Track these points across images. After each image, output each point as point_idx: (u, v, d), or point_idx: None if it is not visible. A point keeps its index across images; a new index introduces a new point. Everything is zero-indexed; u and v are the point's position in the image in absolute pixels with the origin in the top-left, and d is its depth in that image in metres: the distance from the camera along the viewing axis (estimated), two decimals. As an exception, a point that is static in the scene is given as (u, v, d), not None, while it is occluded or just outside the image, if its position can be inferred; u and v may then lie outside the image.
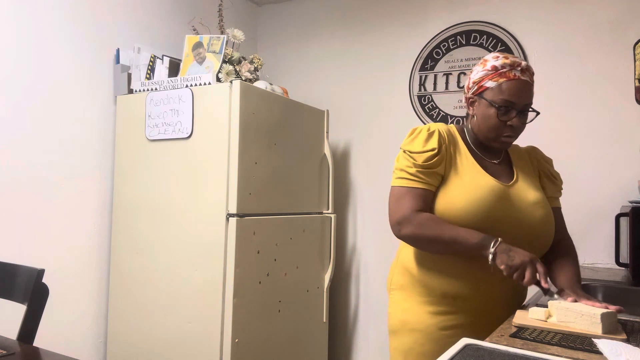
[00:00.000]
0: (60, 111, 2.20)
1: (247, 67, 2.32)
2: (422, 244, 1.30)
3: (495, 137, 1.30)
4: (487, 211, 1.22)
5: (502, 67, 1.27)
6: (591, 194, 2.35)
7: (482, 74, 1.30)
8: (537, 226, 1.28)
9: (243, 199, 2.08)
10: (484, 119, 1.29)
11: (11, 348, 1.21)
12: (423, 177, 1.27)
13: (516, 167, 1.39)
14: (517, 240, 1.23)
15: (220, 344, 2.03)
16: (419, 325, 1.33)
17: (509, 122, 1.27)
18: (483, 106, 1.30)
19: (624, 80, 2.32)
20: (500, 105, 1.26)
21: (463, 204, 1.23)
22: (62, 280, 2.20)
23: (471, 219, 1.22)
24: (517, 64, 1.27)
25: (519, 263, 1.13)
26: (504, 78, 1.27)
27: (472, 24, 2.67)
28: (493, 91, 1.27)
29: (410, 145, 1.30)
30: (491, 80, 1.28)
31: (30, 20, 2.09)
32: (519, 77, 1.27)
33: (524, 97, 1.28)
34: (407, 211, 1.26)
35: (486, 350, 0.91)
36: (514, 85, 1.26)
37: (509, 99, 1.26)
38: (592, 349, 0.96)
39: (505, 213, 1.24)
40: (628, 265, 1.85)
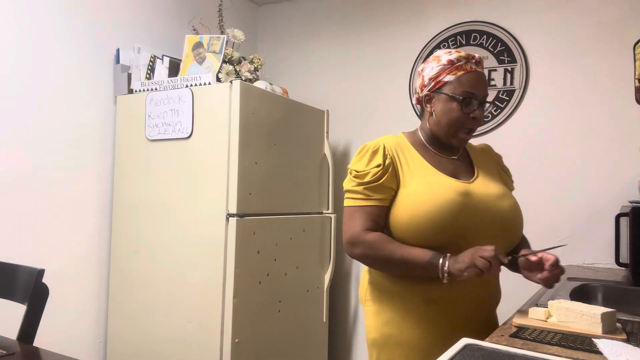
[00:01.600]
0: (60, 111, 2.20)
1: (247, 67, 2.32)
2: (375, 265, 1.29)
3: (456, 131, 1.28)
4: (451, 211, 1.19)
5: (458, 60, 1.26)
6: (591, 194, 2.35)
7: (439, 69, 1.28)
8: (506, 217, 1.26)
9: (243, 199, 2.08)
10: (445, 113, 1.27)
11: (11, 348, 1.21)
12: (371, 193, 1.25)
13: (475, 162, 1.38)
14: (490, 235, 1.22)
15: (220, 344, 2.03)
16: (403, 338, 1.26)
17: (472, 115, 1.26)
18: (443, 101, 1.27)
19: (624, 80, 2.32)
20: (463, 97, 1.25)
21: (426, 208, 1.19)
22: (62, 280, 2.20)
23: (437, 222, 1.19)
24: (472, 57, 1.27)
25: (469, 261, 1.11)
26: (462, 71, 1.26)
27: (472, 24, 2.67)
28: (452, 85, 1.26)
29: (357, 165, 1.30)
30: (449, 74, 1.26)
31: (30, 20, 2.09)
32: (476, 69, 1.27)
33: (483, 88, 1.27)
34: (357, 230, 1.24)
35: (486, 350, 0.91)
36: (473, 77, 1.25)
37: (471, 90, 1.25)
38: (592, 349, 0.96)
39: (471, 210, 1.21)
40: (628, 265, 1.85)
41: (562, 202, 2.41)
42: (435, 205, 1.19)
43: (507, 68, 2.57)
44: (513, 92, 2.55)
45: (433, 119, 1.31)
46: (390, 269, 1.26)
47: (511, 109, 2.55)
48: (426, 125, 1.35)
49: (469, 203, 1.21)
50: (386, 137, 1.34)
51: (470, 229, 1.21)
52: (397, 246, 1.22)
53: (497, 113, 2.59)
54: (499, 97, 2.59)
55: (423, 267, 1.18)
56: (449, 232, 1.20)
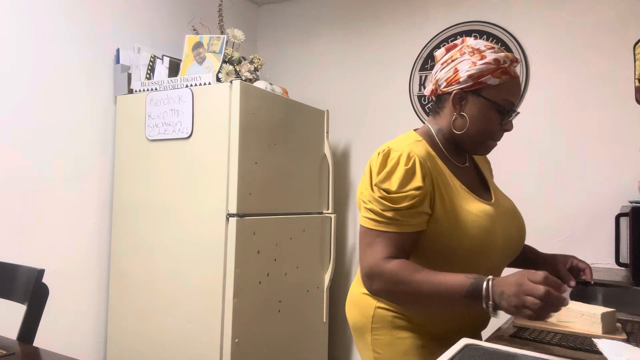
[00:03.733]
0: (60, 111, 2.20)
1: (247, 67, 2.32)
2: (400, 301, 1.07)
3: (484, 140, 1.13)
4: (486, 239, 1.07)
5: (504, 61, 1.08)
6: (591, 194, 2.35)
7: (483, 67, 1.08)
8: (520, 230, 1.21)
9: (243, 199, 2.08)
10: (481, 120, 1.10)
11: (11, 348, 1.21)
12: (403, 219, 1.03)
13: (482, 168, 1.30)
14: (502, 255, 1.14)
15: (220, 344, 2.03)
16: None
17: (505, 127, 1.12)
18: (480, 106, 1.10)
19: (624, 80, 2.32)
20: (504, 107, 1.09)
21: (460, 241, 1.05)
22: (62, 280, 2.20)
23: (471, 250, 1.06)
24: (515, 60, 1.11)
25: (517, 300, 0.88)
26: (507, 75, 1.08)
27: (472, 24, 2.67)
28: (496, 90, 1.08)
29: (387, 183, 1.04)
30: (494, 77, 1.08)
31: (30, 20, 2.09)
32: (517, 74, 1.11)
33: (519, 97, 1.21)
34: (377, 260, 1.03)
35: (486, 350, 0.91)
36: (516, 84, 1.10)
37: (512, 99, 1.10)
38: (592, 349, 0.96)
39: (496, 234, 1.10)
40: (628, 265, 1.84)
41: (562, 202, 2.41)
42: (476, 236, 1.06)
43: (507, 68, 2.57)
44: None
45: (460, 121, 1.12)
46: (419, 303, 1.04)
47: (511, 109, 2.55)
48: (446, 126, 1.16)
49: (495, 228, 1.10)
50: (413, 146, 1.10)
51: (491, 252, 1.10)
52: (427, 274, 0.99)
53: (497, 113, 2.58)
54: (499, 97, 2.58)
55: (460, 297, 0.95)
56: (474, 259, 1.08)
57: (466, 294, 0.94)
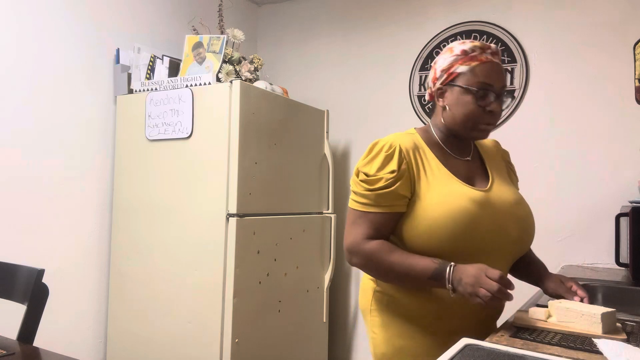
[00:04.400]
0: (60, 111, 2.20)
1: (247, 67, 2.32)
2: (375, 276, 1.20)
3: (474, 125, 1.18)
4: (468, 223, 1.11)
5: (472, 50, 1.17)
6: (591, 194, 2.35)
7: (451, 59, 1.18)
8: (523, 225, 1.21)
9: (243, 199, 2.08)
10: (460, 106, 1.17)
11: (11, 348, 1.21)
12: (380, 200, 1.15)
13: (488, 163, 1.30)
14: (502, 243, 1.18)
15: (220, 344, 2.03)
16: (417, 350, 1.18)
17: (488, 108, 1.16)
18: (456, 94, 1.18)
19: (624, 80, 2.32)
20: (478, 88, 1.15)
21: (443, 221, 1.11)
22: (62, 280, 2.20)
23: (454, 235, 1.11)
24: (487, 47, 1.17)
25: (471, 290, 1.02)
26: (477, 61, 1.16)
27: (472, 24, 2.67)
28: (466, 76, 1.16)
29: (367, 167, 1.18)
30: (462, 65, 1.16)
31: (30, 20, 2.09)
32: (491, 59, 1.17)
33: (500, 79, 1.17)
34: (357, 239, 1.16)
35: (486, 350, 0.91)
36: (488, 67, 1.16)
37: (486, 81, 1.15)
38: (592, 349, 0.96)
39: (488, 220, 1.14)
40: (628, 265, 1.85)
41: (562, 202, 2.41)
42: (453, 218, 1.11)
43: (507, 68, 2.57)
44: (513, 92, 2.55)
45: (447, 113, 1.21)
46: (391, 280, 1.18)
47: (511, 109, 2.55)
48: (440, 122, 1.25)
49: (486, 213, 1.14)
50: (401, 136, 1.21)
51: (486, 239, 1.15)
52: (399, 256, 1.13)
53: (497, 113, 2.59)
54: (499, 97, 2.59)
55: (426, 280, 1.10)
56: (466, 244, 1.13)
57: (430, 277, 1.09)
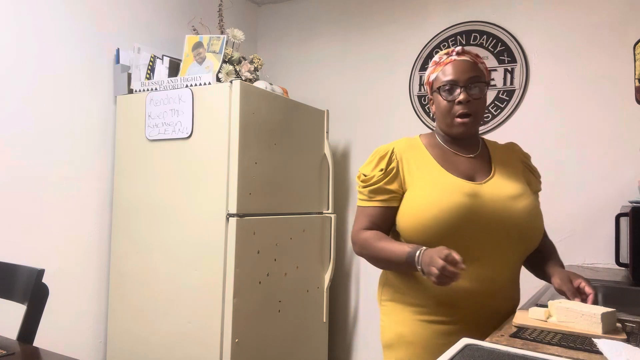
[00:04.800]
0: (60, 111, 2.20)
1: (247, 67, 2.32)
2: (371, 262, 1.33)
3: (451, 120, 1.29)
4: (456, 214, 1.19)
5: (440, 57, 1.32)
6: (591, 194, 2.35)
7: (428, 72, 1.35)
8: (518, 219, 1.23)
9: (243, 199, 2.08)
10: (438, 107, 1.32)
11: (11, 348, 1.21)
12: (372, 195, 1.30)
13: (494, 160, 1.35)
14: (499, 238, 1.22)
15: (220, 344, 2.03)
16: (416, 338, 1.28)
17: (457, 100, 1.27)
18: (435, 97, 1.32)
19: (624, 80, 2.32)
20: (444, 86, 1.28)
21: (431, 211, 1.20)
22: (62, 280, 2.20)
23: (443, 225, 1.19)
24: (452, 50, 1.31)
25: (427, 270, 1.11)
26: (442, 65, 1.31)
27: (472, 24, 2.67)
28: (437, 80, 1.31)
29: (365, 168, 1.35)
30: (434, 73, 1.32)
31: (30, 20, 2.09)
32: (455, 58, 1.29)
33: (465, 72, 1.27)
34: (355, 229, 1.34)
35: (486, 350, 0.91)
36: (452, 65, 1.29)
37: (449, 77, 1.28)
38: (592, 349, 0.96)
39: (478, 212, 1.21)
40: (628, 265, 1.85)
41: (562, 202, 2.41)
42: (441, 208, 1.19)
43: (507, 68, 2.57)
44: (513, 92, 2.55)
45: (437, 118, 1.35)
46: (381, 265, 1.31)
47: (511, 109, 2.55)
48: (437, 127, 1.38)
49: (476, 205, 1.21)
50: (400, 140, 1.36)
51: (479, 231, 1.21)
52: (385, 243, 1.26)
53: (497, 113, 2.59)
54: (499, 97, 2.59)
55: (403, 263, 1.21)
56: (456, 235, 1.20)
57: (405, 261, 1.19)
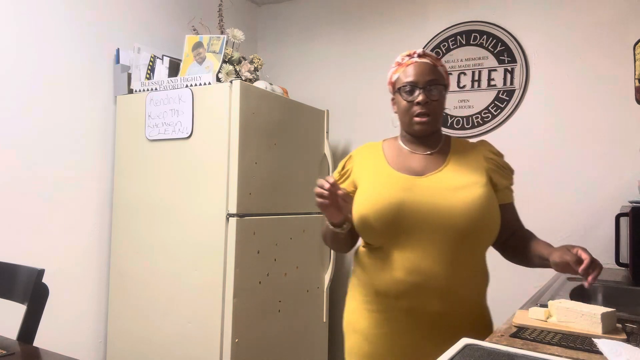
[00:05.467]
0: (60, 111, 2.20)
1: (247, 67, 2.32)
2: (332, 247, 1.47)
3: (409, 120, 1.33)
4: (390, 207, 1.25)
5: (402, 59, 1.37)
6: (591, 194, 2.35)
7: (390, 72, 1.39)
8: (457, 212, 1.23)
9: (243, 199, 2.08)
10: (399, 107, 1.36)
11: (11, 348, 1.21)
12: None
13: (451, 156, 1.36)
14: (435, 230, 1.23)
15: (220, 344, 2.03)
16: (359, 326, 1.35)
17: (416, 100, 1.31)
18: (397, 97, 1.37)
19: (624, 80, 2.32)
20: (404, 87, 1.33)
21: (369, 206, 1.27)
22: (62, 280, 2.20)
23: (379, 219, 1.26)
24: (414, 52, 1.36)
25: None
26: (404, 66, 1.35)
27: (472, 24, 2.67)
28: (399, 80, 1.35)
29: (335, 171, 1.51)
30: (396, 73, 1.36)
31: (30, 20, 2.09)
32: (416, 60, 1.34)
33: (424, 74, 1.32)
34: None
35: (486, 350, 0.91)
36: (412, 67, 1.33)
37: (409, 79, 1.32)
38: (592, 349, 0.96)
39: (413, 205, 1.24)
40: (628, 265, 1.85)
41: (562, 202, 2.41)
42: (376, 203, 1.27)
43: (507, 68, 2.57)
44: (513, 92, 2.55)
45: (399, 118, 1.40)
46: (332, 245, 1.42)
47: (511, 109, 2.55)
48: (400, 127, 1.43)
49: (409, 198, 1.25)
50: (364, 145, 1.48)
51: (415, 224, 1.24)
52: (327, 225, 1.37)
53: (497, 113, 2.59)
54: (499, 97, 2.59)
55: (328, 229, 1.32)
56: (393, 228, 1.25)
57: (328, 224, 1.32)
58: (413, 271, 1.24)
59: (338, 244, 1.39)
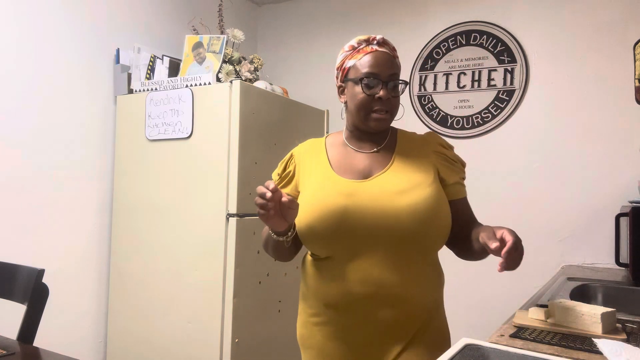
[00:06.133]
0: (60, 111, 2.20)
1: (247, 67, 2.32)
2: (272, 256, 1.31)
3: (366, 115, 1.20)
4: (332, 216, 1.14)
5: (359, 44, 1.23)
6: (591, 194, 2.35)
7: (342, 56, 1.25)
8: (402, 216, 1.12)
9: (243, 199, 2.08)
10: (352, 98, 1.22)
11: (11, 348, 1.21)
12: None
13: (397, 153, 1.25)
14: (380, 237, 1.13)
15: (220, 344, 2.03)
16: (310, 341, 1.25)
17: (377, 95, 1.18)
18: (350, 87, 1.22)
19: (624, 80, 2.32)
20: (363, 77, 1.19)
21: (310, 216, 1.16)
22: (62, 280, 2.20)
23: (321, 229, 1.15)
24: (373, 38, 1.22)
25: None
26: (362, 53, 1.21)
27: (472, 24, 2.67)
28: (355, 69, 1.21)
29: (274, 172, 1.38)
30: (350, 59, 1.22)
31: (30, 20, 2.09)
32: (377, 49, 1.21)
33: (386, 67, 1.19)
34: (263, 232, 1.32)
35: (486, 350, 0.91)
36: (373, 57, 1.20)
37: (371, 70, 1.19)
38: (592, 349, 0.96)
39: (355, 211, 1.14)
40: (628, 265, 1.85)
41: (562, 202, 2.41)
42: (319, 210, 1.15)
43: (507, 68, 2.57)
44: (513, 92, 2.55)
45: (348, 109, 1.26)
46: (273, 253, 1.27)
47: (511, 109, 2.55)
48: (347, 119, 1.29)
49: (352, 204, 1.15)
50: (306, 142, 1.36)
51: (359, 231, 1.14)
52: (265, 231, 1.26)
53: (497, 113, 2.59)
54: (499, 97, 2.59)
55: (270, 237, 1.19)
56: (337, 236, 1.15)
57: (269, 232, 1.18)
58: (363, 281, 1.15)
59: (281, 252, 1.25)
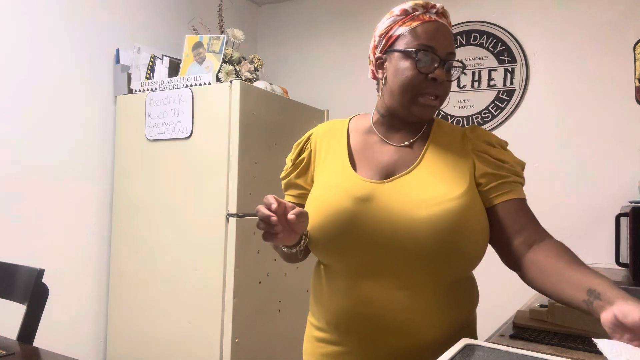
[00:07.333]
0: (60, 111, 2.20)
1: (247, 67, 2.32)
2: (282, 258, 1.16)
3: (412, 97, 0.97)
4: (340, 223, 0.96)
5: (414, 9, 0.97)
6: (591, 194, 2.35)
7: (389, 21, 0.99)
8: (417, 231, 0.92)
9: (243, 199, 2.08)
10: (397, 74, 0.97)
11: (11, 348, 1.21)
12: (285, 188, 1.17)
13: (429, 150, 1.01)
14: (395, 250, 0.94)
15: (220, 344, 2.03)
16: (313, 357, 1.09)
17: (431, 75, 0.95)
18: (395, 61, 0.97)
19: (624, 80, 2.32)
20: (419, 50, 0.95)
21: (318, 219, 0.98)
22: (62, 280, 2.20)
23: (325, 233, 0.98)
24: (432, 5, 0.98)
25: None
26: (418, 21, 0.96)
27: (472, 24, 2.67)
28: (406, 38, 0.96)
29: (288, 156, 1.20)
30: (402, 26, 0.97)
31: (30, 20, 2.09)
32: (436, 19, 0.97)
33: (447, 42, 0.97)
34: None
35: (486, 350, 0.91)
36: (432, 27, 0.96)
37: (428, 43, 0.95)
38: (592, 349, 0.96)
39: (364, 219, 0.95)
40: (628, 265, 1.84)
41: (562, 202, 2.41)
42: (325, 214, 0.97)
43: (507, 68, 2.57)
44: (513, 92, 2.55)
45: (386, 87, 1.01)
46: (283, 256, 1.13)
47: (511, 109, 2.55)
48: (381, 100, 1.05)
49: (363, 212, 0.95)
50: (328, 123, 1.15)
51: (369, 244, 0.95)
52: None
53: (497, 113, 2.59)
54: (499, 97, 2.59)
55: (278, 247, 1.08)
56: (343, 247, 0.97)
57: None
58: (366, 302, 0.96)
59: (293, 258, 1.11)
